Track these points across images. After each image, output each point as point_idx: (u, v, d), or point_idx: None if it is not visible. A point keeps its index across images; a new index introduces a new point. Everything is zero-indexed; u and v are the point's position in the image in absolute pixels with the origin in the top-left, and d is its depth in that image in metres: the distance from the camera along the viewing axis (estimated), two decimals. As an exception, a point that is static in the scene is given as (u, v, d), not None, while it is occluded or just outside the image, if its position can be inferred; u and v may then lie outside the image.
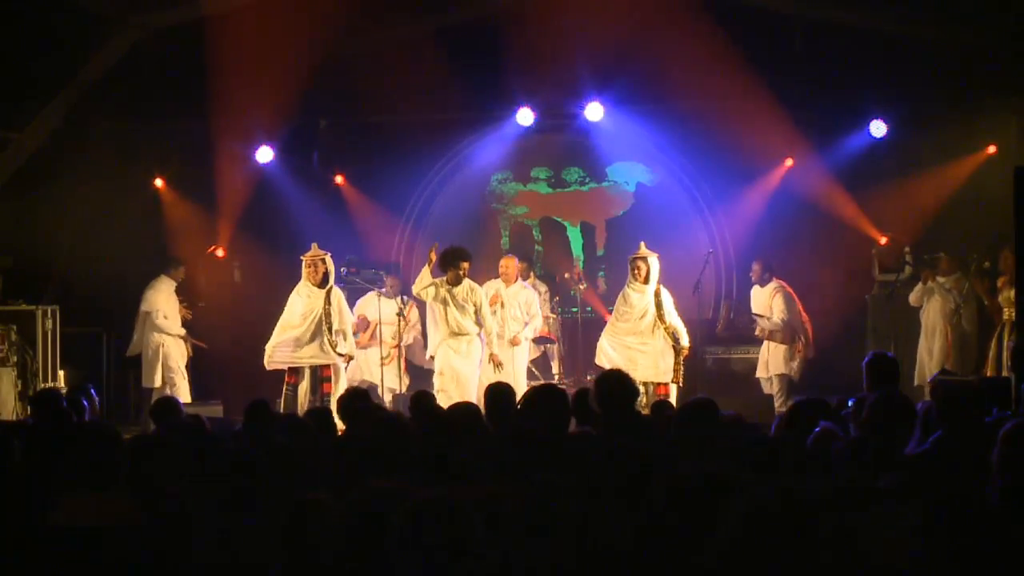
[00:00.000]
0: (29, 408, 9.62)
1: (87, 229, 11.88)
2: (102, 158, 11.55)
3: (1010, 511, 3.12)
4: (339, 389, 9.43)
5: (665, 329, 9.49)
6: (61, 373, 10.43)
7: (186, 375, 11.13)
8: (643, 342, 9.50)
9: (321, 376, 9.56)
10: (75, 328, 11.06)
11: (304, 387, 9.51)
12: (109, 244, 11.86)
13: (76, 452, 4.00)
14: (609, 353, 9.59)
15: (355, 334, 10.58)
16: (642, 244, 9.80)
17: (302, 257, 9.65)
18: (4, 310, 10.25)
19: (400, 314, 10.64)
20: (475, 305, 9.54)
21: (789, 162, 12.27)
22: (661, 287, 9.63)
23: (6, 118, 10.78)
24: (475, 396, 8.77)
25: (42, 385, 9.99)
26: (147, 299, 11.01)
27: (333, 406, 8.81)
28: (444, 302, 9.48)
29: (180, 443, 4.39)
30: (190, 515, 3.60)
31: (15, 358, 10.04)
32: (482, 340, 9.55)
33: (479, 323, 9.54)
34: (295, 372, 9.55)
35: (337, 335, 9.52)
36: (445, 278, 9.52)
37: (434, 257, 9.61)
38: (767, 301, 11.23)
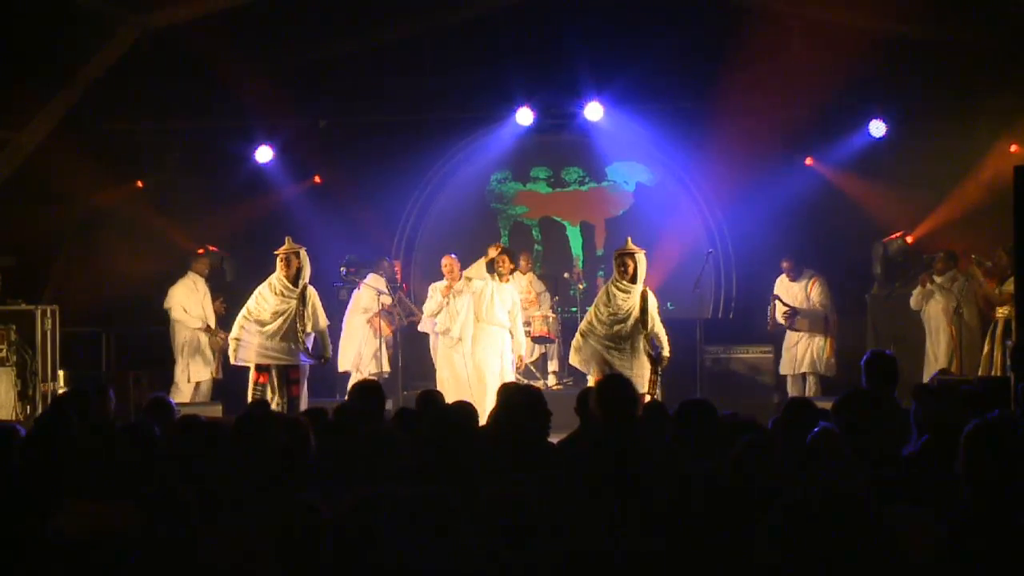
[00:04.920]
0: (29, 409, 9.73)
1: (87, 229, 11.87)
2: (102, 158, 11.54)
3: (979, 512, 3.09)
4: (304, 391, 9.38)
5: (644, 336, 8.84)
6: (61, 373, 10.42)
7: (209, 367, 11.13)
8: (620, 348, 8.86)
9: (289, 378, 9.20)
10: (75, 328, 11.05)
11: (272, 387, 9.17)
12: (108, 244, 11.86)
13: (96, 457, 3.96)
14: (585, 351, 9.01)
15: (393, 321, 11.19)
16: (628, 239, 9.30)
17: (275, 252, 9.32)
18: (4, 310, 10.23)
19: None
20: (512, 303, 9.87)
21: (809, 160, 12.25)
22: (648, 290, 9.02)
23: (6, 118, 10.78)
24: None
25: (42, 385, 9.98)
26: (168, 296, 11.07)
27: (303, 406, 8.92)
28: (492, 295, 9.74)
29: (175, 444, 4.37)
30: (186, 517, 3.58)
31: (15, 358, 10.02)
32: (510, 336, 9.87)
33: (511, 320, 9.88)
34: (264, 371, 9.20)
35: (309, 337, 9.23)
36: (495, 275, 9.84)
37: (493, 253, 9.83)
38: (801, 293, 11.19)
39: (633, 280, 8.92)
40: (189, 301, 11.07)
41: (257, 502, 3.56)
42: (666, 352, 8.93)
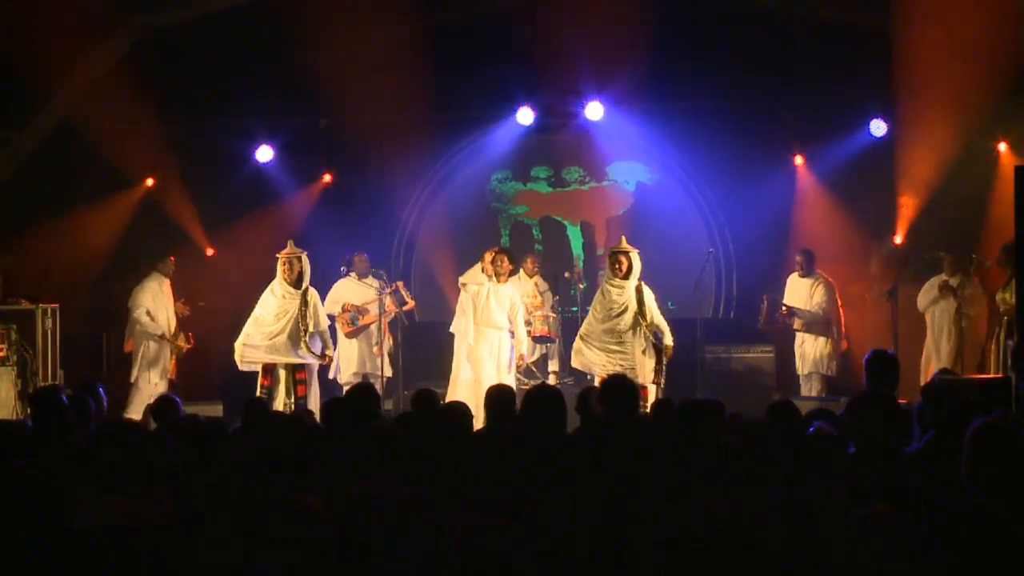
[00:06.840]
0: (28, 408, 9.71)
1: (87, 229, 11.87)
2: (101, 158, 11.55)
3: (982, 509, 3.09)
4: (313, 391, 9.48)
5: (647, 327, 9.12)
6: (61, 373, 10.42)
7: (164, 376, 11.01)
8: (621, 341, 9.14)
9: (296, 379, 9.40)
10: (75, 328, 11.05)
11: (280, 389, 9.36)
12: (109, 244, 11.86)
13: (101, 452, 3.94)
14: (586, 353, 9.30)
15: (355, 322, 11.00)
16: (623, 238, 9.61)
17: (277, 255, 9.53)
18: (4, 310, 10.24)
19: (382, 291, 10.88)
20: (511, 305, 9.91)
21: (799, 160, 12.22)
22: (643, 284, 9.30)
23: (6, 117, 10.78)
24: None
25: (42, 384, 9.98)
26: (132, 296, 11.03)
27: (313, 406, 8.96)
28: (488, 297, 9.80)
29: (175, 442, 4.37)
30: (184, 516, 3.58)
31: (15, 358, 10.03)
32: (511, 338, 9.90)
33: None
34: (269, 374, 9.40)
35: (313, 337, 9.40)
36: (491, 272, 9.92)
37: (489, 258, 9.95)
38: (806, 292, 11.13)
39: (626, 277, 9.14)
40: (155, 305, 11.00)
41: (257, 501, 3.57)
42: (668, 341, 9.14)
